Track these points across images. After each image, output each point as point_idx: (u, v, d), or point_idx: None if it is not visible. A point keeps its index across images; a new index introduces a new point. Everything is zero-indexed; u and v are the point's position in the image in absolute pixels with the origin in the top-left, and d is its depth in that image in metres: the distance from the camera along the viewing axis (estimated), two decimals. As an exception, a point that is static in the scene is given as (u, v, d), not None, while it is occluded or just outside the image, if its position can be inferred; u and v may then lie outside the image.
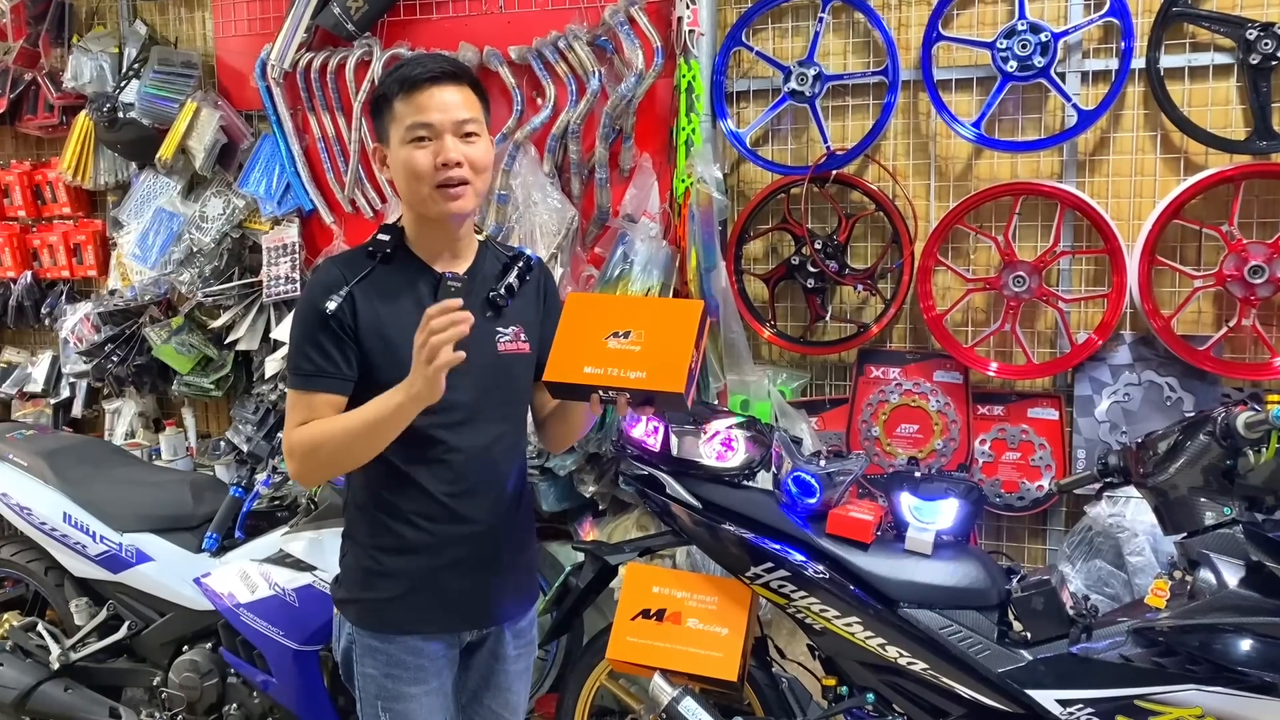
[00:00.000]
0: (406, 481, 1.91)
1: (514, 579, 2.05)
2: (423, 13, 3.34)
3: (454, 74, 1.87)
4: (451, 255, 1.96)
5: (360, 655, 1.97)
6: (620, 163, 3.10)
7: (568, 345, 1.90)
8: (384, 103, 1.88)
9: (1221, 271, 2.62)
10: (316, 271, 1.98)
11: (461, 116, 1.85)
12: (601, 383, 1.85)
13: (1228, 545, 2.06)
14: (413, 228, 1.95)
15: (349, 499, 2.01)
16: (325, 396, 1.85)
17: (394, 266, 1.92)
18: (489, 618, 2.03)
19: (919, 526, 2.32)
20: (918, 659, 2.23)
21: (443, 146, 1.84)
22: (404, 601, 1.93)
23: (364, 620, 1.96)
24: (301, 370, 1.86)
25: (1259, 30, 2.55)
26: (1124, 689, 2.06)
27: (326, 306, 1.83)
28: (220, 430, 3.95)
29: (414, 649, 1.94)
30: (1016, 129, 2.86)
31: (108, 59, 3.81)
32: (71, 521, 2.87)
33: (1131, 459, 2.26)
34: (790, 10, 3.05)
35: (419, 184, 1.85)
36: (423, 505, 1.91)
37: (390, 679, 1.94)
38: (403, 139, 1.85)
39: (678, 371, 1.83)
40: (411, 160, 1.84)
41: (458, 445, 1.91)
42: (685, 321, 1.89)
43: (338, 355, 1.84)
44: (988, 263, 2.92)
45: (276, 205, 3.57)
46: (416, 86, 1.84)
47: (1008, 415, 2.92)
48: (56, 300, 4.10)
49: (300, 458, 1.84)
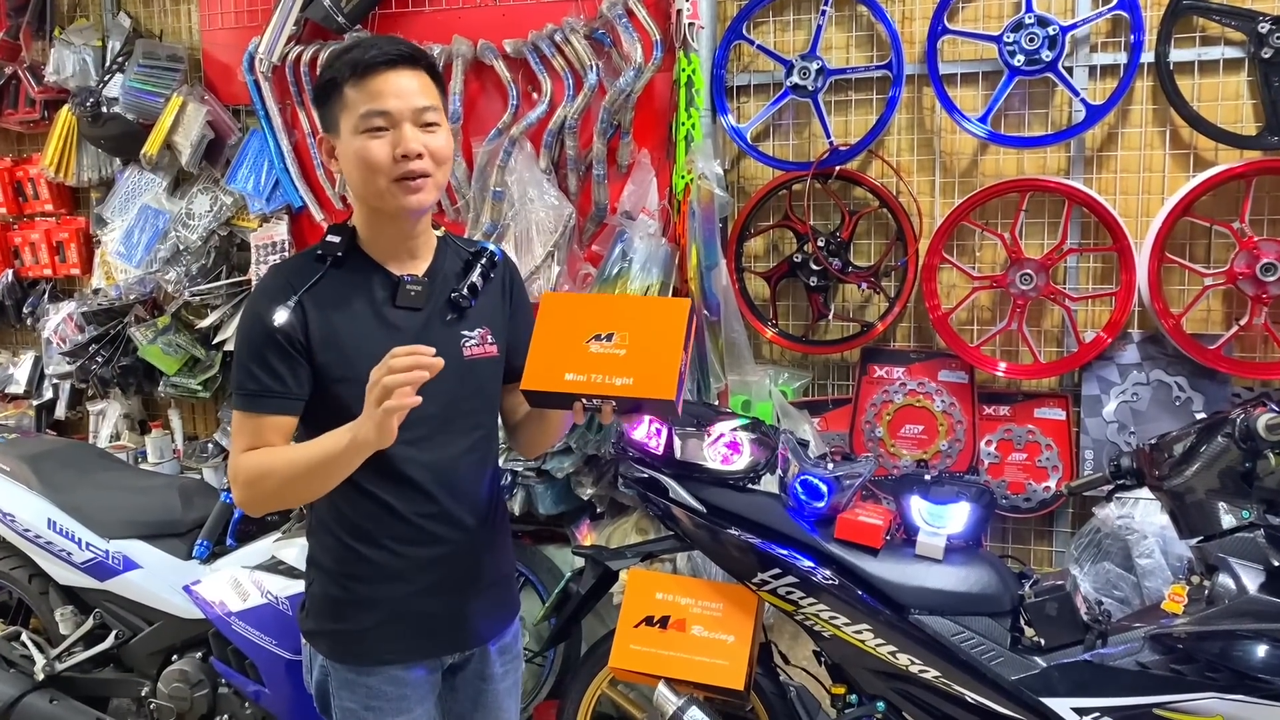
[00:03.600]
0: (374, 503, 1.78)
1: (494, 596, 1.94)
2: (415, 5, 3.27)
3: (411, 57, 1.72)
4: (409, 255, 1.81)
5: (337, 688, 1.84)
6: (618, 159, 3.03)
7: (546, 350, 1.75)
8: (332, 88, 1.72)
9: (1232, 269, 2.58)
10: (262, 281, 1.82)
11: (421, 104, 1.70)
12: (585, 390, 1.70)
13: (1246, 549, 2.03)
14: (366, 226, 1.79)
15: (311, 522, 1.87)
16: (273, 418, 1.71)
17: (346, 270, 1.77)
18: (472, 639, 1.92)
19: (930, 531, 2.27)
20: (929, 666, 2.19)
21: (402, 136, 1.68)
22: (380, 631, 1.81)
23: (338, 653, 1.84)
24: (246, 389, 1.71)
25: (1270, 23, 2.52)
26: (1142, 697, 2.03)
27: (274, 320, 1.69)
28: (208, 432, 3.88)
29: (395, 679, 1.83)
30: (1023, 124, 2.82)
31: (90, 52, 3.72)
32: (56, 528, 2.79)
33: (1145, 461, 2.22)
34: (792, 3, 3.00)
35: (375, 177, 1.70)
36: (393, 527, 1.79)
37: (371, 711, 1.82)
38: (355, 128, 1.69)
39: (667, 377, 1.70)
40: (366, 151, 1.68)
41: (427, 461, 1.78)
42: (672, 322, 1.74)
43: (286, 373, 1.70)
44: (994, 260, 2.88)
45: (265, 202, 3.49)
46: (370, 71, 1.68)
47: (1014, 415, 2.88)
48: (38, 299, 4.02)
49: (244, 485, 1.71)
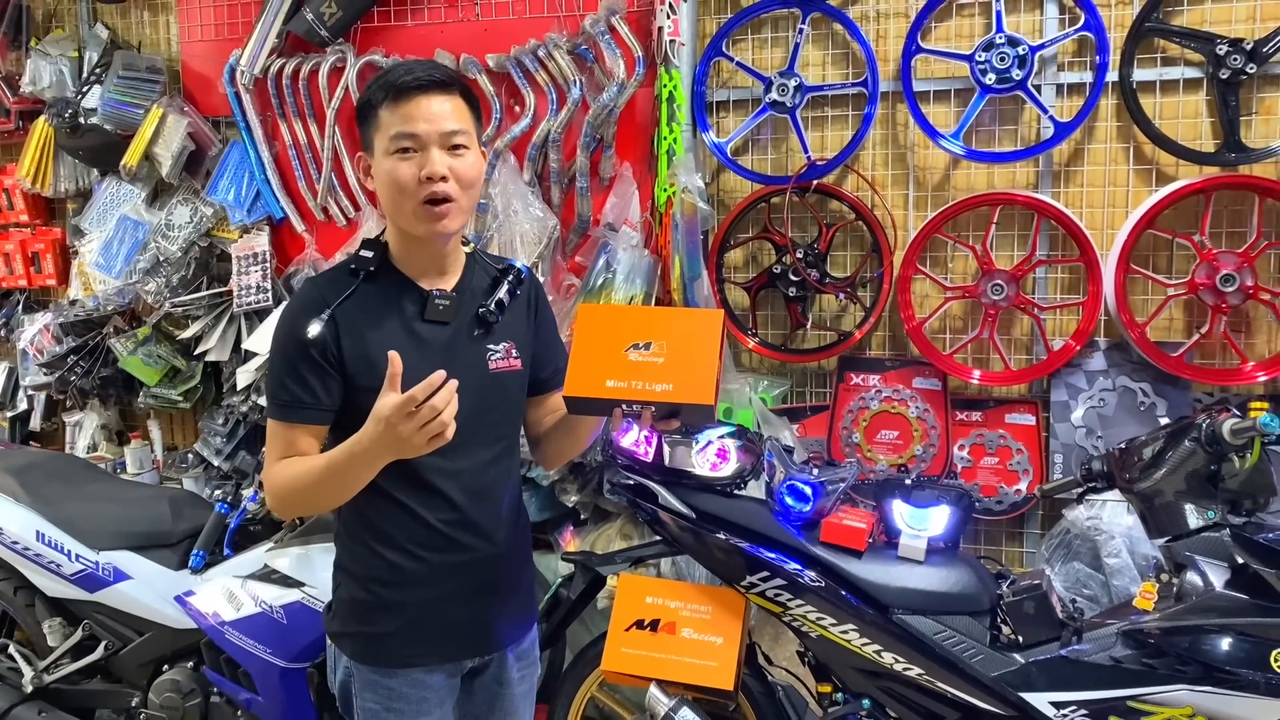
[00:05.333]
0: (400, 510, 1.84)
1: (515, 602, 1.99)
2: (397, 19, 3.31)
3: (444, 82, 1.78)
4: (438, 272, 1.87)
5: (360, 689, 1.90)
6: (601, 172, 3.10)
7: (586, 358, 1.84)
8: (369, 109, 1.79)
9: (1194, 280, 2.70)
10: (297, 293, 1.89)
11: (449, 128, 1.76)
12: (626, 396, 1.80)
13: (1212, 548, 2.12)
14: (397, 243, 1.86)
15: (339, 528, 1.94)
16: (304, 428, 1.79)
17: (378, 285, 1.83)
18: (492, 644, 1.97)
19: (912, 533, 2.35)
20: (912, 664, 2.26)
21: (428, 159, 1.74)
22: (403, 635, 1.87)
23: (362, 655, 1.90)
24: (279, 400, 1.78)
25: (1228, 46, 2.63)
26: (1116, 690, 2.11)
27: (308, 333, 1.75)
28: (187, 442, 3.88)
29: (416, 681, 1.89)
30: (994, 140, 2.92)
31: (67, 63, 3.71)
32: (45, 540, 2.79)
33: (1115, 464, 2.31)
34: (770, 21, 3.08)
35: (402, 199, 1.76)
36: (418, 534, 1.85)
37: (392, 712, 1.88)
38: (387, 149, 1.76)
39: (706, 383, 1.81)
40: (395, 172, 1.75)
41: (452, 470, 1.84)
42: (708, 331, 1.85)
43: (317, 385, 1.77)
44: (966, 271, 2.97)
45: (246, 213, 3.51)
46: (404, 94, 1.75)
47: (986, 421, 2.98)
48: (12, 310, 4.01)
49: (276, 496, 1.80)
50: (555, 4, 3.11)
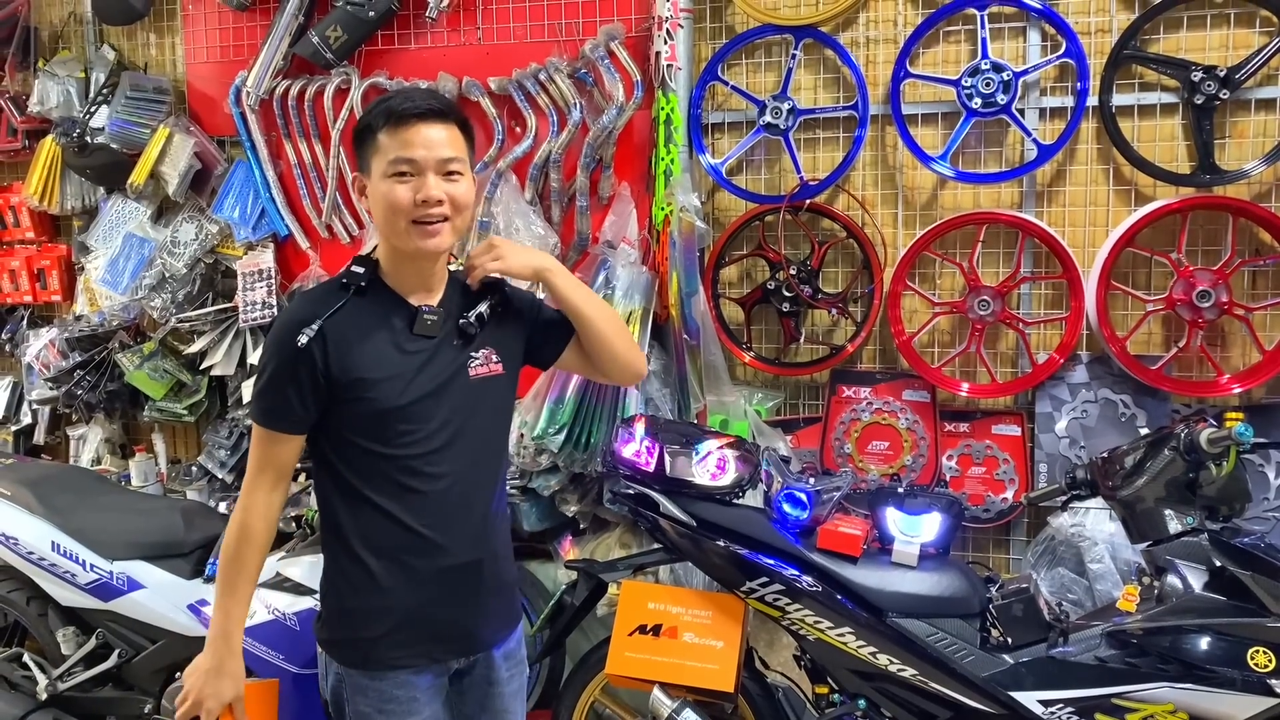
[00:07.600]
0: (384, 516, 1.90)
1: (498, 603, 2.06)
2: (401, 43, 3.40)
3: (441, 111, 1.87)
4: (425, 289, 1.96)
5: (351, 694, 1.96)
6: (600, 191, 3.20)
7: None
8: (368, 133, 1.88)
9: (1171, 296, 2.80)
10: (289, 306, 1.97)
11: (445, 155, 1.85)
12: None
13: (1192, 552, 2.22)
14: (388, 260, 1.94)
15: (325, 537, 1.99)
16: (282, 435, 1.89)
17: (368, 300, 1.91)
18: (477, 645, 2.04)
19: (905, 540, 2.44)
20: (906, 665, 2.36)
21: (424, 184, 1.83)
22: (391, 639, 1.93)
23: (351, 660, 1.96)
24: (261, 405, 1.90)
25: (1202, 72, 2.74)
26: (1101, 688, 2.21)
27: (296, 343, 1.83)
28: (190, 455, 3.94)
29: (405, 683, 1.95)
30: (979, 161, 3.03)
31: (74, 84, 3.78)
32: (60, 550, 2.84)
33: (1098, 473, 2.42)
34: (764, 46, 3.18)
35: (397, 218, 1.85)
36: (402, 539, 1.91)
37: (384, 714, 1.94)
38: (385, 172, 1.85)
39: None
40: (392, 194, 1.84)
41: (434, 475, 1.91)
42: None
43: (295, 397, 1.85)
44: (953, 288, 3.08)
45: (251, 231, 3.58)
46: (403, 121, 1.83)
47: (973, 432, 3.08)
48: (17, 325, 4.05)
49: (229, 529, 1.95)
50: (556, 29, 3.22)
